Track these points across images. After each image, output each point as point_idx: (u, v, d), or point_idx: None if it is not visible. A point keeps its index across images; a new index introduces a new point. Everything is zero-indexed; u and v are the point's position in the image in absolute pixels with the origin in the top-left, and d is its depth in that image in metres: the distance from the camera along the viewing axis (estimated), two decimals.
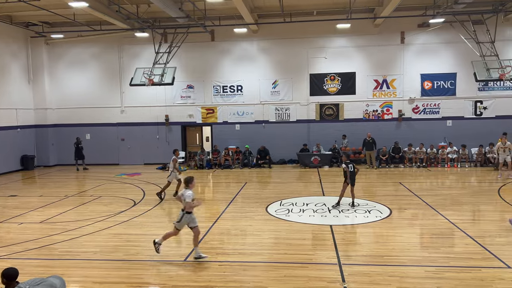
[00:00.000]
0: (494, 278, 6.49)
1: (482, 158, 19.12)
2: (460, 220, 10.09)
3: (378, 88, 20.87)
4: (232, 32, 20.43)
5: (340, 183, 15.24)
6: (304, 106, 21.34)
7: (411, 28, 20.13)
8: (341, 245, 8.36)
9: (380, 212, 11.04)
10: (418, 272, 6.84)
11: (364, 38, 20.59)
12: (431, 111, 20.58)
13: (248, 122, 21.67)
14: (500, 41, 18.37)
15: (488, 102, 20.23)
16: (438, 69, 20.36)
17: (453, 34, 19.15)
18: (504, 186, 14.24)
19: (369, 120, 20.97)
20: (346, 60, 20.89)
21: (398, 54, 20.58)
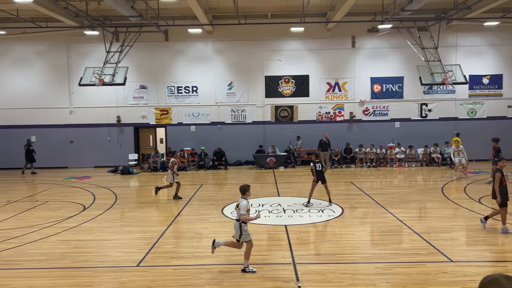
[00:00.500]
0: (438, 272, 6.85)
1: (427, 158, 20.16)
2: (407, 217, 10.57)
3: (330, 90, 21.44)
4: (186, 33, 20.20)
5: (295, 183, 15.49)
6: (260, 108, 21.50)
7: (361, 33, 20.87)
8: (295, 244, 8.48)
9: (332, 211, 11.33)
10: (369, 269, 7.08)
11: (317, 41, 21.09)
12: (380, 113, 21.44)
13: (204, 124, 21.51)
14: (443, 47, 19.48)
15: (433, 105, 21.37)
16: (386, 73, 21.25)
17: (400, 40, 20.07)
18: (447, 185, 15.09)
19: (322, 122, 21.48)
20: (300, 63, 21.30)
21: (350, 58, 21.27)
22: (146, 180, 17.96)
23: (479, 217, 10.40)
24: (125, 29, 18.70)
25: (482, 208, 11.30)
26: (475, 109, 21.33)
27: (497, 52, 21.06)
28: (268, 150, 20.92)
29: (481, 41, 20.99)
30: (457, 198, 12.67)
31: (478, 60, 20.99)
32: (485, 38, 20.91)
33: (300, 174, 18.53)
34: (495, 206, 11.48)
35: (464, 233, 9.45)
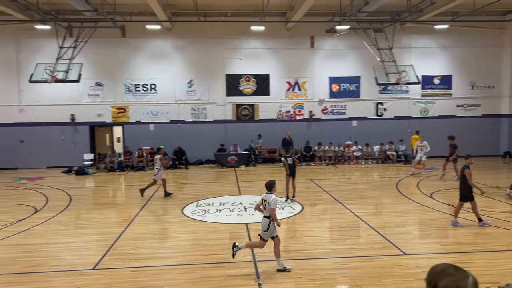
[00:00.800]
0: (393, 265, 7.11)
1: (383, 155, 20.86)
2: (364, 213, 10.89)
3: (290, 90, 21.69)
4: (144, 29, 19.73)
5: (256, 182, 15.55)
6: (221, 106, 21.40)
7: (320, 33, 21.24)
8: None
9: (293, 208, 11.48)
10: (328, 264, 7.24)
11: (277, 41, 21.25)
12: (338, 112, 21.95)
13: (163, 122, 21.12)
14: (397, 48, 20.20)
15: (388, 104, 22.13)
16: (344, 72, 21.76)
17: (357, 40, 20.60)
18: (402, 181, 15.69)
19: (282, 121, 21.70)
20: (261, 62, 21.39)
21: (309, 58, 21.60)
22: (102, 181, 17.40)
23: (431, 212, 10.91)
24: (79, 24, 17.99)
25: (434, 203, 11.85)
26: (427, 108, 22.30)
27: (447, 54, 22.11)
28: (230, 148, 20.87)
29: (433, 43, 21.96)
30: (410, 194, 13.21)
31: (430, 61, 21.95)
32: (436, 40, 21.90)
33: (261, 173, 18.63)
34: (451, 200, 12.08)
35: (417, 227, 9.87)
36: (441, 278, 1.78)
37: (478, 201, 11.58)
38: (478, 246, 8.12)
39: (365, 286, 6.26)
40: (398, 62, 19.31)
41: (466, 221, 9.78)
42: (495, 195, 12.62)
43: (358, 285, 6.33)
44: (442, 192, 13.37)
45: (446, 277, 1.77)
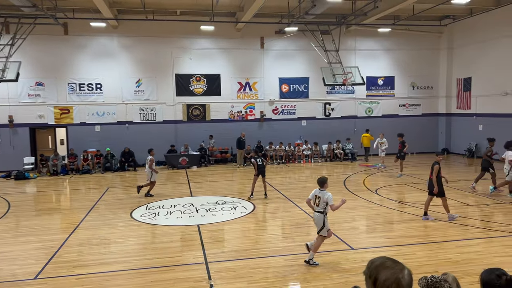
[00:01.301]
0: (341, 260, 7.35)
1: (331, 153, 21.49)
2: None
3: (241, 90, 21.76)
4: (89, 26, 18.96)
5: (208, 183, 15.42)
6: (171, 106, 21.03)
7: (269, 34, 21.49)
8: (208, 243, 8.46)
9: (245, 208, 11.53)
10: (279, 262, 7.34)
11: (228, 41, 21.24)
12: (289, 112, 22.33)
13: (110, 123, 20.40)
14: (343, 50, 20.90)
15: (335, 104, 22.83)
16: (293, 73, 22.17)
17: (305, 42, 21.08)
18: (349, 178, 16.25)
19: (234, 121, 21.71)
20: (211, 61, 21.27)
21: (259, 58, 21.78)
22: (45, 185, 16.50)
23: (376, 207, 11.39)
24: (17, 20, 16.94)
25: (379, 199, 12.38)
26: (372, 108, 23.26)
27: (390, 56, 23.19)
28: (180, 149, 20.56)
29: (376, 46, 22.94)
30: (357, 190, 13.70)
31: (374, 63, 22.91)
32: (380, 42, 22.89)
33: (213, 173, 18.53)
34: (395, 196, 12.66)
35: (363, 222, 10.26)
36: (381, 271, 1.83)
37: (419, 196, 12.25)
38: (419, 238, 8.58)
39: (314, 282, 6.42)
40: (344, 64, 19.99)
41: (410, 215, 10.31)
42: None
43: (308, 281, 6.47)
44: (387, 188, 14.00)
45: (385, 270, 1.83)
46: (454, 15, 21.67)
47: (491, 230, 8.99)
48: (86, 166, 19.06)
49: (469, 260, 7.20)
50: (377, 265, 1.87)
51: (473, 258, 7.30)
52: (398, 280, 1.78)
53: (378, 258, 1.93)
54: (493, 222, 9.57)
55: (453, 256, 7.44)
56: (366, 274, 1.90)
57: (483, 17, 19.94)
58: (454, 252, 7.62)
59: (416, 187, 14.04)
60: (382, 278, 1.81)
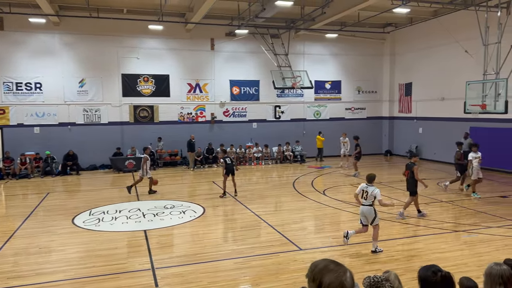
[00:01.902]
0: (290, 260, 7.41)
1: (281, 155, 21.77)
2: (264, 212, 11.21)
3: (191, 91, 21.46)
4: (27, 22, 17.84)
5: (157, 186, 15.05)
6: (117, 108, 20.29)
7: (220, 36, 21.39)
8: (155, 249, 8.22)
9: (194, 211, 11.34)
10: (228, 265, 7.27)
11: (177, 41, 20.87)
12: (239, 114, 22.34)
13: (51, 125, 19.30)
14: (292, 54, 21.26)
15: (285, 107, 23.16)
16: (244, 76, 22.22)
17: (256, 45, 21.21)
18: (298, 179, 16.52)
19: (184, 123, 21.36)
20: (160, 62, 20.79)
21: (209, 60, 21.61)
22: None
23: (324, 208, 11.65)
24: None
25: (326, 199, 12.67)
26: (319, 111, 23.85)
27: (337, 60, 23.91)
28: (127, 152, 19.88)
29: (324, 50, 23.56)
30: (305, 192, 13.95)
31: (322, 67, 23.51)
32: (327, 48, 23.54)
33: (162, 176, 18.03)
34: (341, 196, 13.00)
35: (312, 222, 10.46)
36: (325, 274, 1.83)
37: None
38: (364, 237, 8.84)
39: (263, 284, 6.42)
40: (293, 68, 20.34)
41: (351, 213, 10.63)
42: (380, 190, 13.93)
43: (257, 284, 6.46)
44: (334, 189, 14.38)
45: (329, 273, 1.83)
46: (396, 23, 22.76)
47: (430, 228, 9.48)
48: (24, 170, 17.87)
49: (410, 257, 7.54)
50: (320, 268, 1.86)
51: (413, 255, 7.65)
52: (342, 283, 1.79)
53: (321, 261, 1.92)
54: (432, 220, 10.11)
55: (395, 253, 7.76)
56: (309, 278, 1.89)
57: (422, 26, 21.13)
58: (396, 250, 7.95)
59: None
60: (327, 282, 1.81)
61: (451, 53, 19.02)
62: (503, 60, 13.46)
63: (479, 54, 14.93)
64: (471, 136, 17.33)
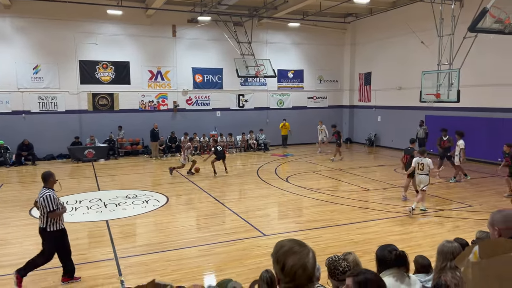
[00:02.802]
0: (253, 246, 7.55)
1: (245, 144, 21.86)
2: (228, 199, 11.30)
3: (153, 79, 21.03)
4: None
5: (118, 176, 14.71)
6: (74, 95, 19.57)
7: (181, 23, 21.01)
8: (118, 239, 8.11)
9: (157, 201, 11.24)
10: (193, 253, 7.30)
11: (137, 27, 20.30)
12: (203, 102, 22.16)
13: (3, 113, 18.37)
14: (255, 43, 21.24)
15: (249, 96, 23.20)
16: (207, 64, 22.00)
17: (218, 32, 21.01)
18: (262, 167, 16.69)
19: (145, 111, 20.93)
20: (119, 48, 20.18)
21: (171, 47, 21.20)
22: None
23: (287, 194, 11.88)
24: None
25: (289, 186, 12.91)
26: (283, 100, 24.08)
27: (299, 50, 24.15)
28: (86, 141, 19.28)
29: (287, 39, 23.71)
30: (269, 179, 14.14)
31: (285, 56, 23.68)
32: (290, 36, 23.70)
33: (123, 166, 17.72)
34: (303, 183, 13.27)
35: (275, 209, 10.65)
36: (289, 257, 1.88)
37: (326, 182, 13.07)
38: (325, 222, 9.15)
39: (228, 270, 6.51)
40: (256, 56, 20.35)
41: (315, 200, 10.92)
42: (340, 176, 14.38)
43: (221, 269, 6.55)
44: (297, 176, 14.66)
45: (293, 256, 1.88)
46: (356, 14, 23.22)
47: (387, 212, 9.92)
48: None
49: (368, 240, 7.87)
50: (285, 251, 1.91)
51: (371, 238, 7.99)
52: (305, 265, 1.85)
53: (286, 242, 1.97)
54: (388, 205, 10.57)
55: (354, 237, 8.07)
56: (273, 258, 1.95)
57: (381, 17, 21.69)
58: (355, 233, 8.27)
59: (323, 175, 14.92)
60: (290, 264, 1.85)
61: (408, 44, 19.68)
62: (456, 51, 14.11)
63: (434, 45, 15.57)
64: (426, 123, 18.14)
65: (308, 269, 1.86)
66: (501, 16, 9.03)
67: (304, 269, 1.86)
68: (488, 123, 16.09)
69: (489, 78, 16.18)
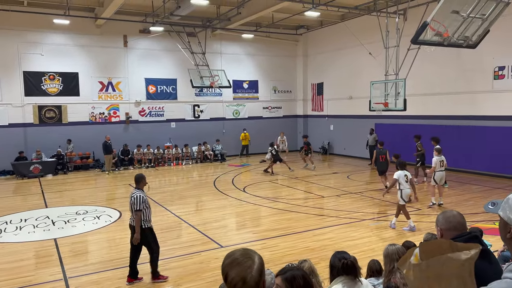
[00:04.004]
0: (211, 259, 7.45)
1: (201, 155, 21.65)
2: (184, 212, 11.09)
3: (104, 90, 20.40)
4: None
5: (67, 191, 14.06)
6: (19, 108, 18.55)
7: (133, 33, 20.61)
8: (67, 258, 7.72)
9: (110, 216, 10.84)
10: (147, 268, 7.03)
11: (87, 37, 19.67)
12: (156, 114, 21.76)
13: None
14: (209, 53, 21.25)
15: (204, 106, 23.07)
16: (161, 74, 21.66)
17: (172, 43, 20.81)
18: (219, 178, 16.59)
19: (96, 123, 20.23)
20: (68, 59, 19.42)
21: (122, 57, 20.71)
22: None
23: (244, 204, 11.86)
24: None
25: (246, 196, 12.90)
26: (238, 110, 24.17)
27: (254, 60, 24.41)
28: (32, 156, 18.28)
29: (241, 50, 23.91)
30: (226, 190, 14.07)
31: (239, 67, 23.83)
32: (244, 48, 23.92)
33: (73, 181, 16.95)
34: (261, 193, 13.27)
35: (233, 220, 10.59)
36: (231, 268, 1.82)
37: (283, 191, 13.19)
38: (282, 230, 9.21)
39: (184, 284, 6.37)
40: (211, 67, 20.36)
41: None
42: (295, 184, 14.58)
43: (178, 284, 6.39)
44: (254, 186, 14.70)
45: (235, 268, 1.81)
46: (308, 26, 23.88)
47: (341, 218, 10.15)
48: None
49: (324, 246, 8.01)
50: (229, 262, 1.84)
51: (327, 244, 8.13)
52: (244, 278, 1.78)
53: (234, 252, 1.91)
54: (343, 211, 10.83)
55: (311, 244, 8.18)
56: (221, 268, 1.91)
57: (331, 29, 22.44)
58: (312, 241, 8.39)
59: (279, 184, 15.06)
60: (231, 276, 1.79)
61: (357, 55, 20.48)
62: (401, 62, 14.84)
63: (381, 56, 16.30)
64: (376, 131, 18.87)
65: (247, 283, 1.80)
66: (440, 30, 9.62)
67: (244, 282, 1.80)
68: (432, 129, 16.98)
69: (433, 87, 17.16)
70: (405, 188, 8.87)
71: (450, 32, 9.80)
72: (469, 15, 9.55)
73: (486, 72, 15.36)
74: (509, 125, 14.72)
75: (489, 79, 15.32)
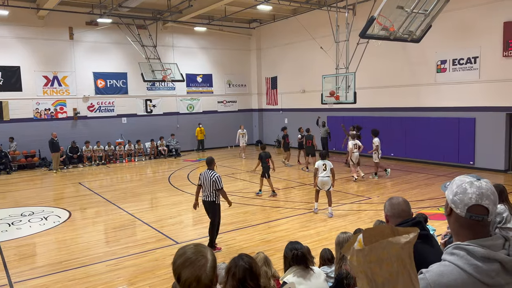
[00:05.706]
0: (166, 256, 7.33)
1: (155, 151, 21.20)
2: (138, 210, 10.83)
3: (49, 85, 19.39)
4: None
5: (10, 192, 13.34)
6: None
7: (79, 25, 19.71)
8: (12, 262, 7.31)
9: (58, 216, 10.37)
10: (100, 269, 6.86)
11: (28, 29, 18.57)
12: (106, 109, 21.00)
13: None
14: (161, 46, 20.78)
15: (156, 101, 22.55)
16: (110, 68, 20.91)
17: (121, 36, 20.11)
18: (174, 174, 16.33)
19: (41, 120, 19.20)
20: (8, 52, 18.26)
21: (68, 50, 19.77)
22: None
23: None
24: None
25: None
26: (193, 105, 23.85)
27: (207, 54, 24.14)
28: None
29: (194, 44, 23.55)
30: (182, 185, 13.89)
31: (192, 60, 23.48)
32: (197, 41, 23.58)
33: (17, 181, 16.02)
34: None
35: (188, 215, 10.46)
36: (183, 269, 1.79)
37: (238, 185, 13.21)
38: (239, 224, 9.25)
39: (139, 282, 6.24)
40: (163, 60, 19.93)
41: None
42: (253, 178, 14.65)
43: (132, 283, 6.25)
44: None
45: (187, 268, 1.78)
46: (260, 19, 23.95)
47: (295, 209, 10.34)
48: None
49: (279, 237, 8.13)
50: (181, 262, 1.80)
51: (282, 235, 8.26)
52: (199, 278, 1.77)
53: (186, 250, 1.88)
54: (296, 202, 11.04)
55: (266, 236, 8.28)
56: (172, 268, 1.86)
57: (284, 23, 22.65)
58: (267, 233, 8.49)
59: (235, 177, 15.07)
60: (184, 277, 1.77)
61: (309, 49, 20.83)
62: (351, 56, 15.28)
63: (332, 50, 16.69)
64: (328, 124, 19.33)
65: (202, 281, 1.78)
66: (387, 24, 9.99)
67: (198, 281, 1.78)
68: (382, 121, 17.67)
69: (381, 80, 17.82)
70: (320, 176, 9.62)
71: (395, 26, 10.20)
72: (413, 10, 9.99)
73: (429, 66, 16.16)
74: (450, 116, 15.61)
75: (432, 72, 16.14)
